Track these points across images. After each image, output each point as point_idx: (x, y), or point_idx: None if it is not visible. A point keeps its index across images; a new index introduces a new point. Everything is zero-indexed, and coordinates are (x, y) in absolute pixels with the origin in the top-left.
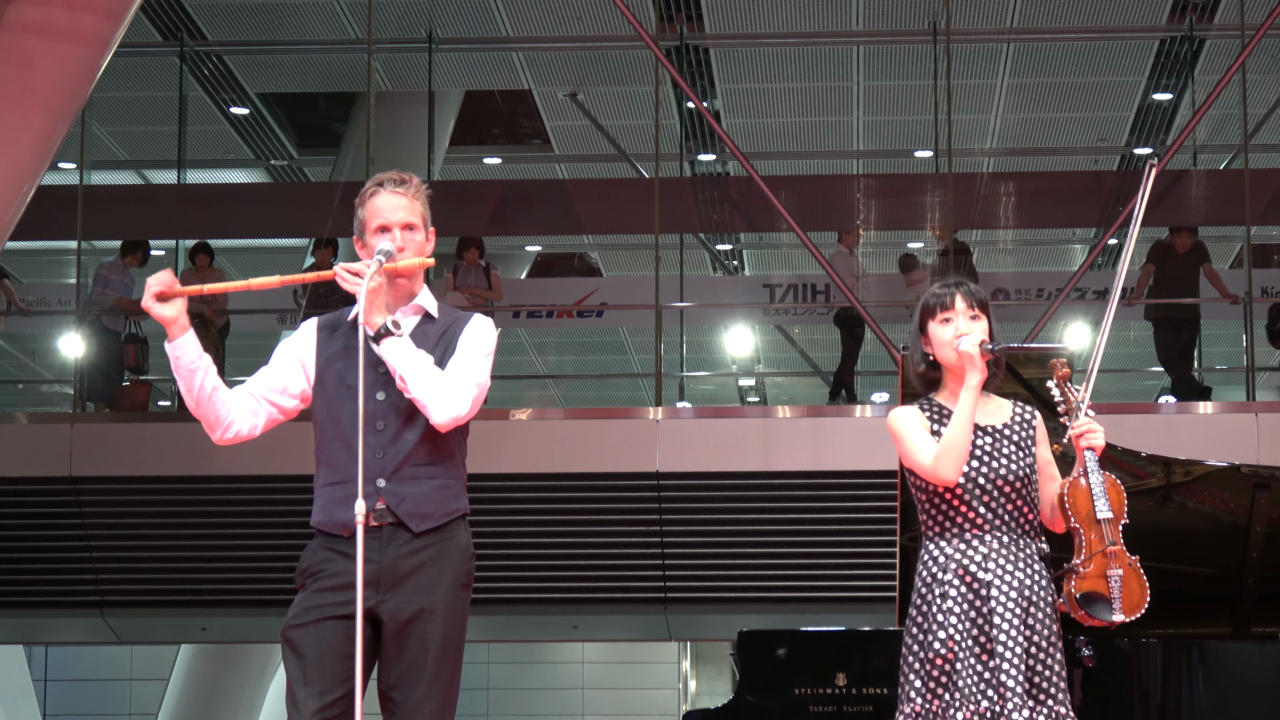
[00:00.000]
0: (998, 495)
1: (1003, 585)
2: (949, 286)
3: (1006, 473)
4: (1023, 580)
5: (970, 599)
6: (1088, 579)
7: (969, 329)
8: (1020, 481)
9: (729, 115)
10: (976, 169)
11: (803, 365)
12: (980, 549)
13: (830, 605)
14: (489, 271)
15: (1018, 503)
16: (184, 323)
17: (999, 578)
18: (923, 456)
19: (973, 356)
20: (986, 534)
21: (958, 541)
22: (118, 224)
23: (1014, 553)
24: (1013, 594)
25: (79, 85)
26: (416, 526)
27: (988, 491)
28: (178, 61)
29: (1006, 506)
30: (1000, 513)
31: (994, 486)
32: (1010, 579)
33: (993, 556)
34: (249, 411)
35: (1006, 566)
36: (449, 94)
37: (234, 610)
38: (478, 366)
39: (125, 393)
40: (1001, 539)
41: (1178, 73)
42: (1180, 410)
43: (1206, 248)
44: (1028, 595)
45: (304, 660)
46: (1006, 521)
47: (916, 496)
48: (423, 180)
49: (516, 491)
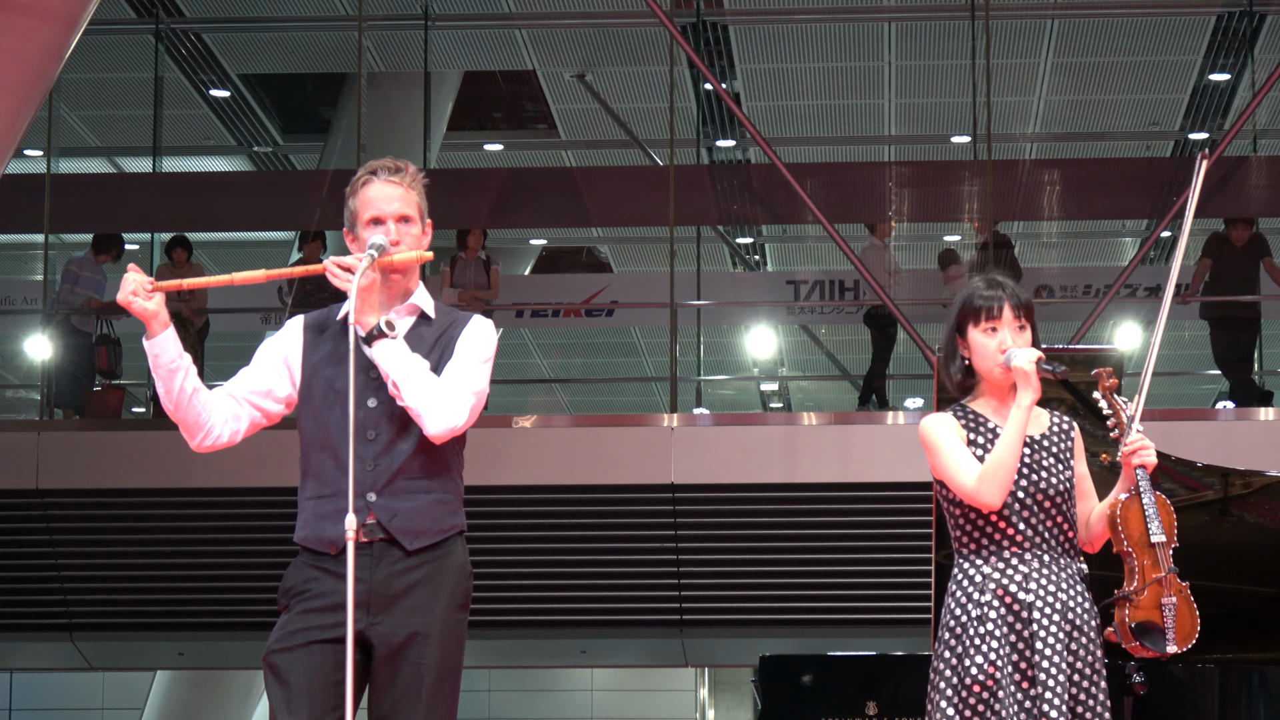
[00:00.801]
0: (1038, 511)
1: (1045, 608)
2: (994, 290)
3: (1047, 487)
4: (1065, 602)
5: (1010, 622)
6: (1141, 608)
7: (1016, 341)
8: (1060, 496)
9: (749, 98)
10: (1018, 156)
11: (829, 368)
12: (1020, 569)
13: (860, 628)
14: (489, 266)
15: (1058, 519)
16: (165, 318)
17: (1041, 599)
18: (964, 476)
19: (1028, 375)
20: (1026, 553)
21: (995, 560)
22: (88, 216)
23: (1055, 573)
24: (1055, 617)
25: (46, 65)
26: (410, 544)
27: (1028, 507)
28: (153, 40)
29: (1047, 523)
30: (1041, 530)
31: (1034, 502)
32: (1054, 601)
33: (1034, 577)
34: (230, 416)
35: (1048, 587)
36: (447, 75)
37: (214, 634)
38: (476, 373)
39: (96, 399)
40: (1042, 558)
41: (1236, 51)
42: (1239, 416)
43: (1267, 240)
44: (1071, 619)
45: (289, 688)
46: (1047, 539)
47: (948, 511)
48: (419, 169)
49: (520, 505)
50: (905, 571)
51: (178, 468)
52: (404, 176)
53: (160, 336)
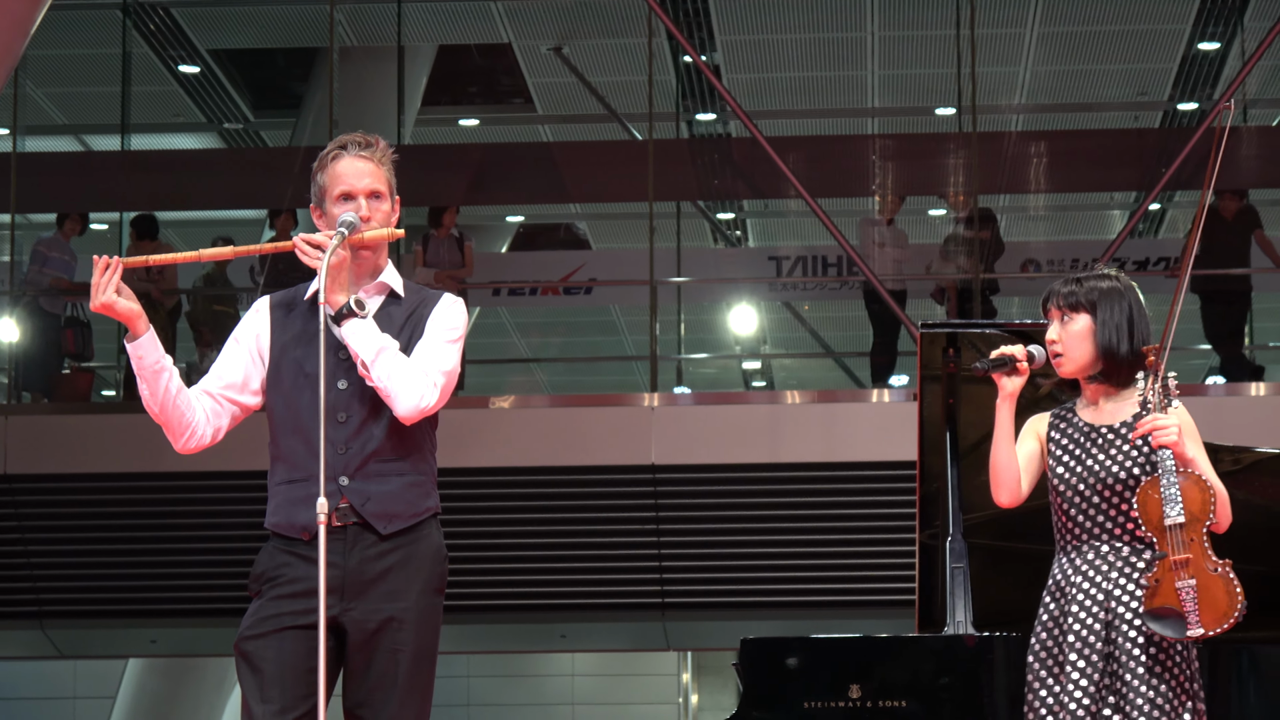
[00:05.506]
0: (1097, 501)
1: (1085, 599)
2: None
3: (1106, 475)
4: (1109, 591)
5: (1055, 614)
6: (1158, 594)
7: (1054, 333)
8: (1121, 484)
9: (730, 70)
10: (1004, 128)
11: (813, 345)
12: (1075, 560)
13: (844, 610)
14: (462, 243)
15: (1122, 508)
16: (147, 318)
17: (1083, 591)
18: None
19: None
20: (1085, 544)
21: (1061, 555)
22: (55, 195)
23: (1111, 564)
24: (1093, 607)
25: (11, 41)
26: (384, 528)
27: (1084, 496)
28: (121, 15)
29: (1110, 513)
30: (1101, 520)
31: (1093, 492)
32: (1094, 592)
33: (1081, 568)
34: (211, 413)
35: (1094, 578)
36: (421, 49)
37: (186, 621)
38: (446, 352)
39: (65, 381)
40: (1099, 549)
41: (1226, 19)
42: (1229, 392)
43: (1258, 212)
44: (1112, 606)
45: (261, 675)
46: (1109, 529)
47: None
48: (390, 144)
49: (497, 487)
50: (890, 553)
51: (148, 452)
52: (374, 151)
53: (143, 338)
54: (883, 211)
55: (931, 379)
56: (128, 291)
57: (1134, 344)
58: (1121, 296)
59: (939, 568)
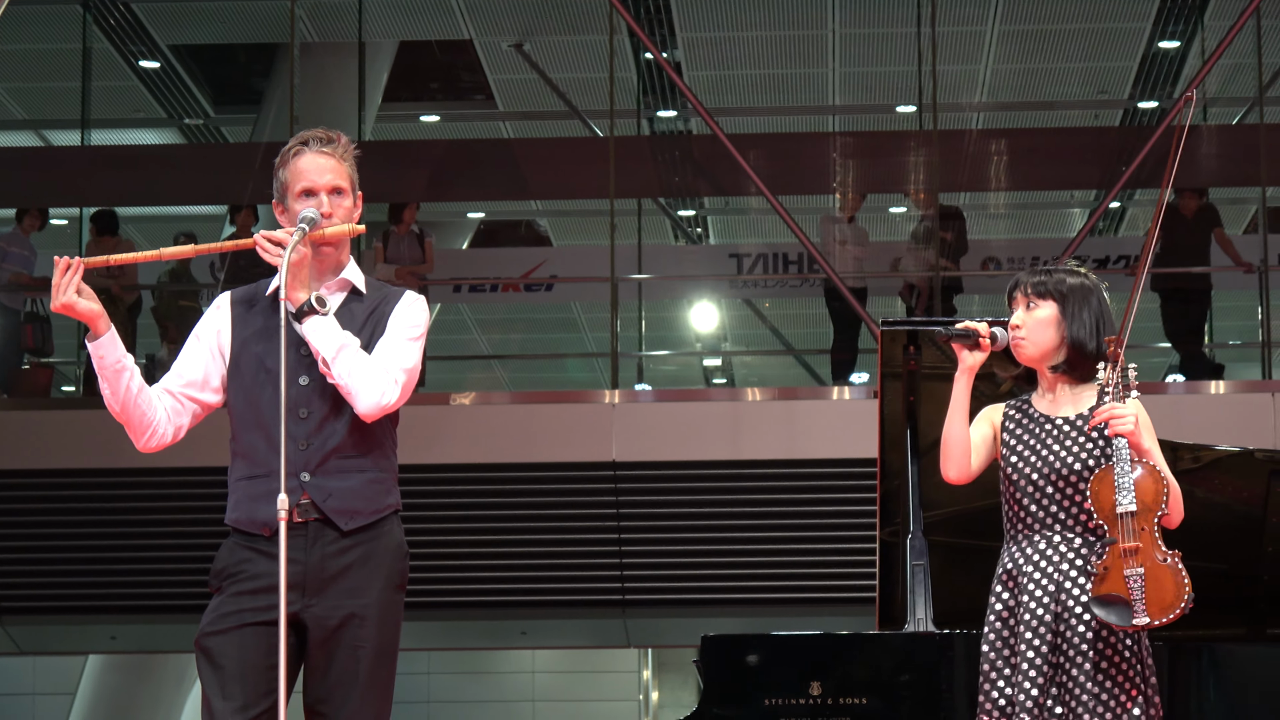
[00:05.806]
0: (1050, 491)
1: (1035, 589)
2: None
3: (1060, 465)
4: (1059, 582)
5: (1008, 603)
6: (1105, 581)
7: (1018, 318)
8: (1075, 475)
9: (691, 67)
10: (964, 125)
11: (774, 343)
12: (1026, 549)
13: (804, 607)
14: (423, 240)
15: (1076, 499)
16: (108, 318)
17: (1034, 582)
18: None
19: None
20: (1036, 534)
21: (1011, 544)
22: (15, 190)
23: (1061, 553)
24: (1044, 598)
25: None
26: (345, 524)
27: (1038, 486)
28: (81, 10)
29: (1064, 504)
30: (1053, 510)
31: (1047, 482)
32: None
33: (1033, 558)
34: (172, 412)
35: (1045, 569)
36: (382, 45)
37: (146, 617)
38: (407, 350)
39: (24, 377)
40: (1051, 539)
41: (1186, 18)
42: (1189, 390)
43: (1218, 211)
44: (1062, 599)
45: (222, 671)
46: (1062, 519)
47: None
48: (352, 140)
49: (458, 484)
50: (851, 550)
51: (108, 447)
52: (336, 147)
53: (104, 337)
54: (843, 209)
55: (892, 376)
56: (88, 292)
57: (1101, 342)
58: (1091, 293)
59: (899, 565)
